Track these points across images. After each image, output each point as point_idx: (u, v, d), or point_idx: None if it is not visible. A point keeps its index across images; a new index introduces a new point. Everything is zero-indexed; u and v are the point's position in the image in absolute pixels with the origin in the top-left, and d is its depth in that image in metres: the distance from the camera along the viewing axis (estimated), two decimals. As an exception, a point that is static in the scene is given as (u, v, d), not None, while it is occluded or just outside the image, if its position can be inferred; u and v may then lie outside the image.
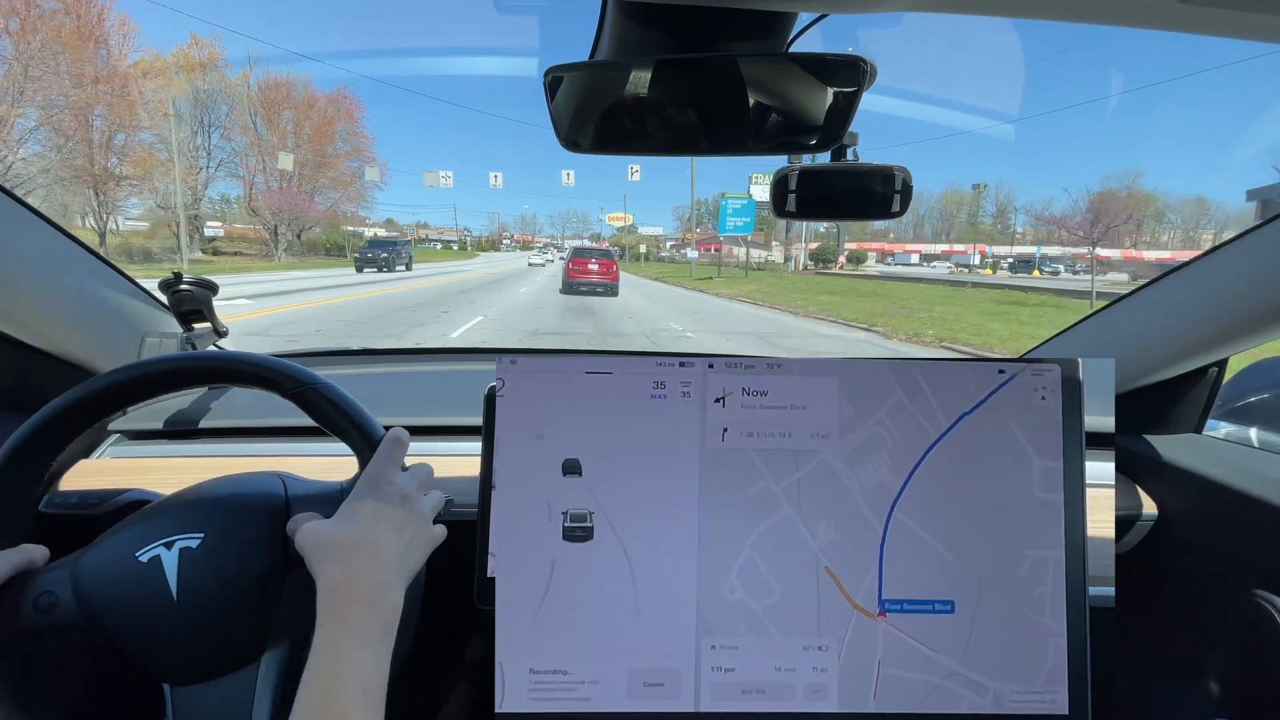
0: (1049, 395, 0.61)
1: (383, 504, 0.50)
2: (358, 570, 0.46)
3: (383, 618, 0.45)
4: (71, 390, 0.55)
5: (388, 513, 0.50)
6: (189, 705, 0.52)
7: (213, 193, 32.32)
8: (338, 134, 35.29)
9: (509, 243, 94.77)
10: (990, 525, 0.59)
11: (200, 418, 0.91)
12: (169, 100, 25.05)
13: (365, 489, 0.51)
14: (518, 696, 0.58)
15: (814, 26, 0.59)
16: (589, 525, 0.58)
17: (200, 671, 0.53)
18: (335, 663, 0.42)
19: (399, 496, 0.51)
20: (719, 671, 0.58)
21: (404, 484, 0.52)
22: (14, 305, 0.74)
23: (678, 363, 0.60)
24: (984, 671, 0.58)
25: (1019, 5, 0.47)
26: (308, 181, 33.88)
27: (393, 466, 0.53)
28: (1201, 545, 0.80)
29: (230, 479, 0.60)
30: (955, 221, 68.88)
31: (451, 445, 0.87)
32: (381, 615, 0.45)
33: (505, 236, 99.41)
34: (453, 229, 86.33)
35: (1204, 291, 0.76)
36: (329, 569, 0.46)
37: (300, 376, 0.57)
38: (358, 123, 37.26)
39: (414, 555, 0.50)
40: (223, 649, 0.52)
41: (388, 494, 0.51)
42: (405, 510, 0.51)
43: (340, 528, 0.48)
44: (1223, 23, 0.45)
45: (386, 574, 0.47)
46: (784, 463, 0.59)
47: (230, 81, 30.60)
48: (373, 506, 0.49)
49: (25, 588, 0.50)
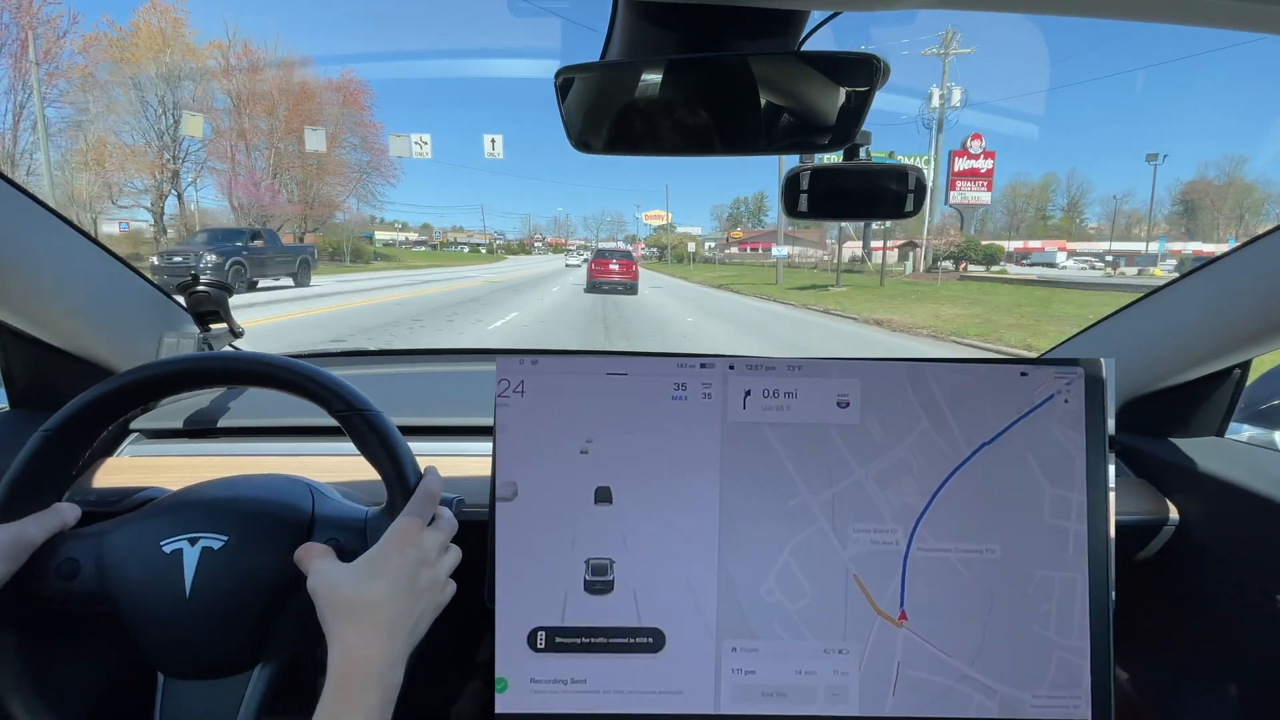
0: (1073, 399, 0.60)
1: (406, 567, 0.50)
2: (371, 641, 0.46)
3: (385, 692, 0.46)
4: (133, 370, 0.56)
5: (409, 578, 0.50)
6: (178, 700, 0.53)
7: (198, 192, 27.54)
8: (339, 122, 30.12)
9: (541, 245, 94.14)
10: (1012, 530, 0.59)
11: (219, 417, 0.92)
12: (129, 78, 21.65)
13: (393, 546, 0.51)
14: (518, 698, 0.58)
15: (826, 25, 0.59)
16: (610, 579, 0.58)
17: (195, 669, 0.54)
18: None
19: (421, 560, 0.51)
20: (739, 674, 0.58)
21: (429, 545, 0.52)
22: (36, 304, 0.75)
23: (699, 364, 0.61)
24: (1003, 678, 0.58)
25: (1041, 1, 0.46)
26: (288, 174, 29.24)
27: (423, 523, 0.53)
28: (1224, 550, 0.79)
29: (260, 482, 0.61)
30: (1024, 216, 63.01)
31: (463, 445, 0.88)
32: (384, 690, 0.46)
33: (538, 239, 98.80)
34: (484, 232, 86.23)
35: (1229, 291, 0.74)
36: (345, 634, 0.46)
37: (353, 401, 0.56)
38: (365, 110, 32.50)
39: (424, 622, 0.51)
40: (221, 652, 0.53)
41: (412, 557, 0.51)
42: (426, 575, 0.51)
43: (361, 587, 0.48)
44: (1253, 16, 0.44)
45: (399, 646, 0.48)
46: (820, 477, 0.59)
47: (199, 52, 25.23)
48: (396, 568, 0.50)
49: (50, 553, 0.52)
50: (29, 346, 0.82)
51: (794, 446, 0.60)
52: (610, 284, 15.97)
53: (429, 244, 79.20)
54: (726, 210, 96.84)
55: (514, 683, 0.58)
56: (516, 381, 0.60)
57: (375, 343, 7.55)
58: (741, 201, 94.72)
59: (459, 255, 63.19)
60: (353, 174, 33.00)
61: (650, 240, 74.35)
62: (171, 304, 0.96)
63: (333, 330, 8.29)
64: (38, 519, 0.52)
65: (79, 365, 0.84)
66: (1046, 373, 0.61)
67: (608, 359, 0.61)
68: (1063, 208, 62.18)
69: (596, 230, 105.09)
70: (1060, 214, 61.50)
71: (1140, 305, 0.87)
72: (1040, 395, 0.60)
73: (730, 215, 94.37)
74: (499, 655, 0.58)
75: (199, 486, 0.60)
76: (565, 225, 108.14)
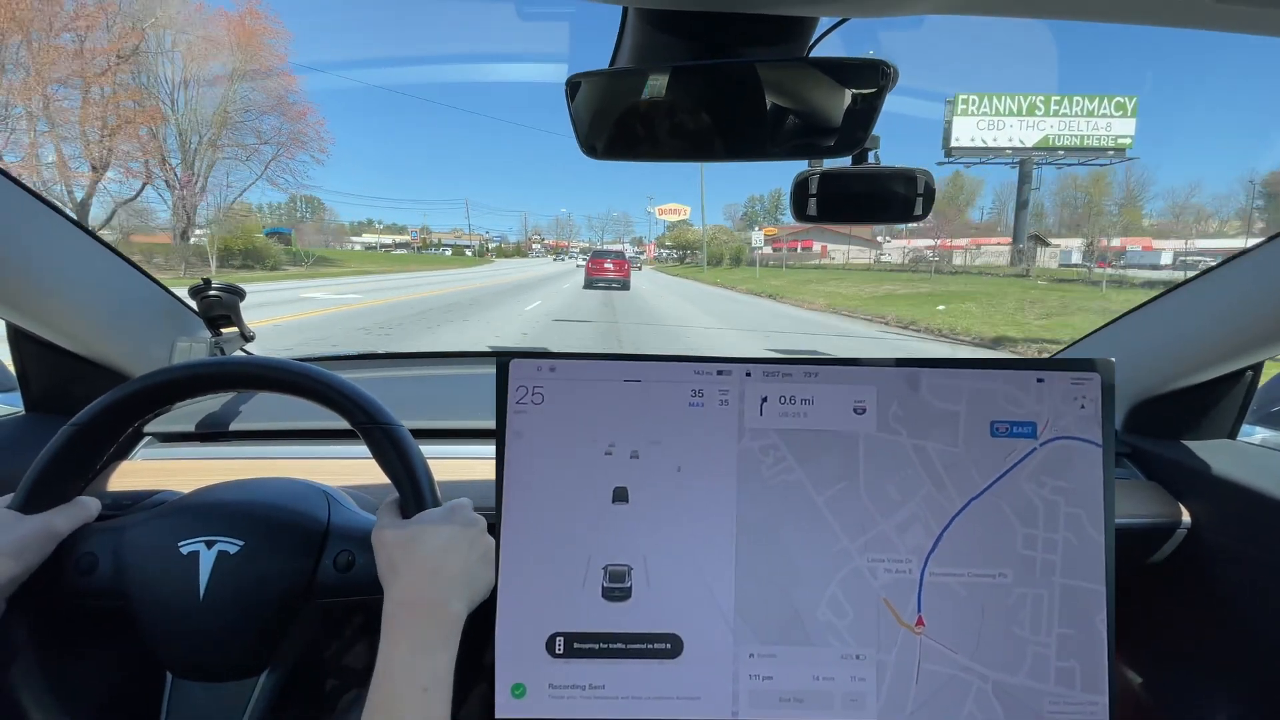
0: (1088, 404, 0.60)
1: (456, 527, 0.54)
2: (422, 586, 0.50)
3: (442, 627, 0.49)
4: (161, 370, 0.57)
5: (460, 535, 0.54)
6: (186, 701, 0.54)
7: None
8: (236, 70, 20.63)
9: (539, 248, 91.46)
10: (1025, 534, 0.59)
11: (231, 420, 0.93)
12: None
13: (444, 515, 0.55)
14: (536, 704, 0.58)
15: (834, 31, 0.59)
16: (627, 585, 0.59)
17: (204, 671, 0.54)
18: (394, 665, 0.46)
19: (479, 531, 0.56)
20: (756, 680, 0.58)
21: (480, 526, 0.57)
22: (51, 310, 0.76)
23: (715, 370, 0.61)
24: (1019, 680, 0.58)
25: (1044, 6, 0.46)
26: (128, 133, 18.57)
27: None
28: (1236, 553, 0.78)
29: (278, 487, 0.61)
30: (1085, 211, 55.83)
31: (471, 449, 0.88)
32: (441, 625, 0.49)
33: (536, 241, 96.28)
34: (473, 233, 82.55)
35: (1240, 293, 0.74)
36: (397, 584, 0.50)
37: (375, 414, 0.57)
38: (280, 59, 22.25)
39: (484, 572, 0.55)
40: (231, 655, 0.54)
41: (471, 527, 0.55)
42: (482, 544, 0.55)
43: (415, 542, 0.52)
44: (1252, 19, 0.44)
45: (448, 589, 0.51)
46: (853, 522, 0.60)
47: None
48: (449, 531, 0.53)
49: (69, 547, 0.53)
50: (45, 351, 0.83)
51: (807, 450, 0.60)
52: (605, 281, 18.88)
53: (413, 246, 74.96)
54: (741, 209, 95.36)
55: (532, 688, 0.58)
56: (532, 388, 0.60)
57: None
58: (756, 200, 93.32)
59: (438, 259, 55.76)
60: (256, 144, 22.91)
61: (672, 236, 65.06)
62: (184, 308, 0.97)
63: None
64: (63, 511, 0.53)
65: (93, 370, 0.85)
66: (1062, 377, 0.61)
67: (623, 364, 0.61)
68: (1119, 202, 56.00)
69: (601, 232, 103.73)
70: (1117, 209, 55.30)
71: (1151, 306, 0.87)
72: (1058, 397, 0.60)
73: (745, 214, 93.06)
74: (516, 660, 0.58)
75: (217, 488, 0.61)
76: (568, 226, 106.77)
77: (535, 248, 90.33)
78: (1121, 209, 54.33)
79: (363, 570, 0.55)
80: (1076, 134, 27.15)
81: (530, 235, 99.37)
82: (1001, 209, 65.26)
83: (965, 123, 27.29)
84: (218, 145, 22.54)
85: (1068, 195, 56.57)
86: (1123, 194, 55.29)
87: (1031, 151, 27.60)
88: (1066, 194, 56.47)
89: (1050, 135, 27.20)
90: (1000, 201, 70.16)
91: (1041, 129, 27.28)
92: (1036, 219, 54.52)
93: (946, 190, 63.38)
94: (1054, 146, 27.33)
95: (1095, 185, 51.54)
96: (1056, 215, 58.93)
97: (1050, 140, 27.26)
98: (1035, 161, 28.36)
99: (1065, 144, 27.27)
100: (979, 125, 27.35)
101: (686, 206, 56.28)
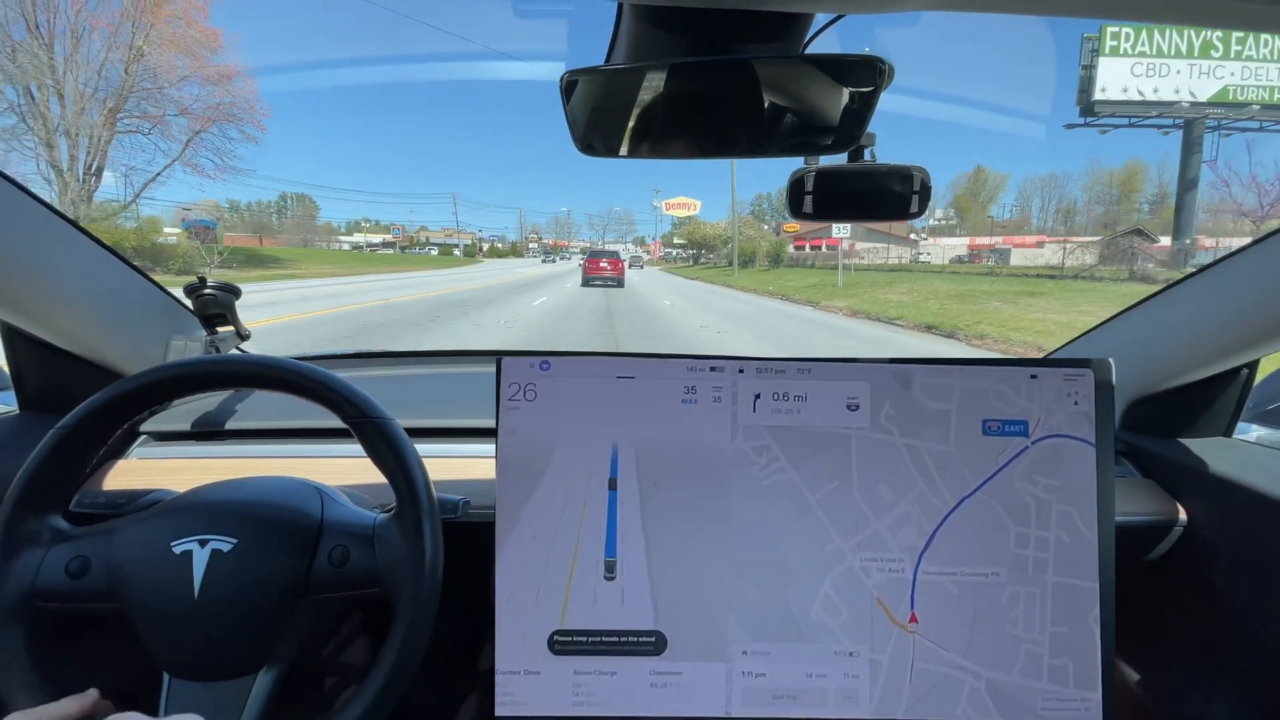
0: (1082, 400, 0.61)
1: None
2: None
3: None
4: (151, 370, 0.57)
5: None
6: (184, 701, 0.54)
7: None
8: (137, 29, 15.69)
9: (535, 247, 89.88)
10: (1018, 533, 0.60)
11: (226, 419, 0.93)
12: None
13: None
14: (527, 700, 0.58)
15: (830, 28, 0.59)
16: (619, 582, 0.59)
17: (201, 671, 0.54)
18: None
19: None
20: (749, 677, 0.58)
21: None
22: (46, 308, 0.76)
23: (708, 367, 0.61)
24: (1013, 678, 0.58)
25: (1044, 4, 0.46)
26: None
27: None
28: (1233, 551, 0.78)
29: (271, 485, 0.61)
30: (1121, 208, 53.31)
31: (469, 447, 0.88)
32: None
33: (533, 240, 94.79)
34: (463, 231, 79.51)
35: (1236, 290, 0.74)
36: None
37: (366, 408, 0.57)
38: (200, 9, 17.50)
39: None
40: (227, 654, 0.54)
41: None
42: None
43: None
44: (1253, 16, 0.44)
45: None
46: (846, 522, 0.60)
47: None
48: None
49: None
50: (38, 350, 0.83)
51: (802, 451, 0.60)
52: (602, 279, 20.37)
53: (398, 245, 69.86)
54: (748, 207, 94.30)
55: (531, 686, 0.58)
56: (525, 385, 0.60)
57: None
58: (764, 198, 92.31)
59: (420, 259, 51.28)
60: (162, 114, 17.93)
61: (684, 233, 58.35)
62: (178, 307, 0.96)
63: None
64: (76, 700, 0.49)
65: (88, 368, 0.85)
66: (1055, 374, 0.61)
67: (617, 361, 0.61)
68: (1151, 200, 52.86)
69: (603, 231, 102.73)
70: (1148, 208, 52.13)
71: (1147, 305, 0.87)
72: (1053, 395, 0.60)
73: (753, 211, 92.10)
74: (506, 657, 0.58)
75: (209, 488, 0.61)
76: (568, 225, 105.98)
77: (532, 247, 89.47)
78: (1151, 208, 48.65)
79: (358, 565, 0.55)
80: (1265, 84, 18.44)
81: (528, 234, 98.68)
82: (1025, 205, 61.26)
83: (1115, 66, 18.22)
84: (113, 112, 17.20)
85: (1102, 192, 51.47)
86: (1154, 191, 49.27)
87: (1207, 109, 18.64)
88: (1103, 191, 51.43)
89: (1230, 86, 18.42)
90: (1024, 198, 68.20)
91: (1219, 77, 18.44)
92: (1066, 215, 50.92)
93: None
94: (1241, 101, 18.38)
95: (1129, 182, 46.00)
96: (1087, 213, 54.20)
97: (1231, 93, 18.39)
98: (1208, 123, 19.13)
99: (1256, 98, 18.32)
100: (1134, 70, 18.39)
101: (697, 201, 51.84)
